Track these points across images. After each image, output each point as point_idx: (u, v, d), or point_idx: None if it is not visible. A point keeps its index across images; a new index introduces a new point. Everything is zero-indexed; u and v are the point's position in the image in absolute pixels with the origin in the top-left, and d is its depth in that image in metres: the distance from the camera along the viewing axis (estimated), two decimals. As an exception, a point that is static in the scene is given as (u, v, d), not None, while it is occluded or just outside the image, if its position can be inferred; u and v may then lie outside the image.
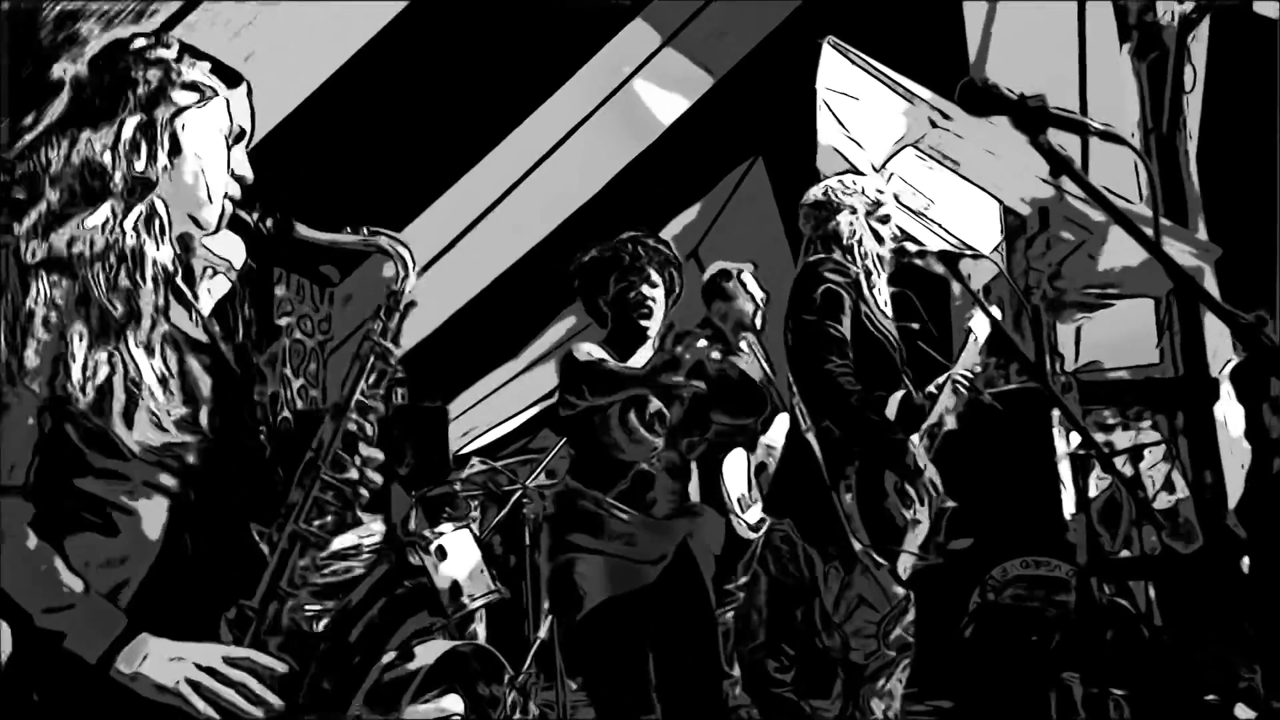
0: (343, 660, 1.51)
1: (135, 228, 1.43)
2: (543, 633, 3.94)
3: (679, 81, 6.15)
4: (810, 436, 2.76)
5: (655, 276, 2.59)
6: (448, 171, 5.34)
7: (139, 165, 1.45)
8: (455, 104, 4.90)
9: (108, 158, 1.44)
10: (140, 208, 1.45)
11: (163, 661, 1.33)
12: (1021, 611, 4.62)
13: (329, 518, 1.52)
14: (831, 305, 2.73)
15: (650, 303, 2.52)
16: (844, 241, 2.89)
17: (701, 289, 4.73)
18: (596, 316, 2.67)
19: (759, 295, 4.62)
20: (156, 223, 1.46)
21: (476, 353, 6.80)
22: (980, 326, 3.17)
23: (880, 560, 2.64)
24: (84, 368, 1.35)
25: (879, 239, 2.92)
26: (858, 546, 2.64)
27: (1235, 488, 4.76)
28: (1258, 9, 4.79)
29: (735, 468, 4.38)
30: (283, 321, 5.05)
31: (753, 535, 4.38)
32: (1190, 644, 4.25)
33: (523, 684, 3.64)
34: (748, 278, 4.61)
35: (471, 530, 3.80)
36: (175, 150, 1.49)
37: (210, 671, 1.35)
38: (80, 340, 1.36)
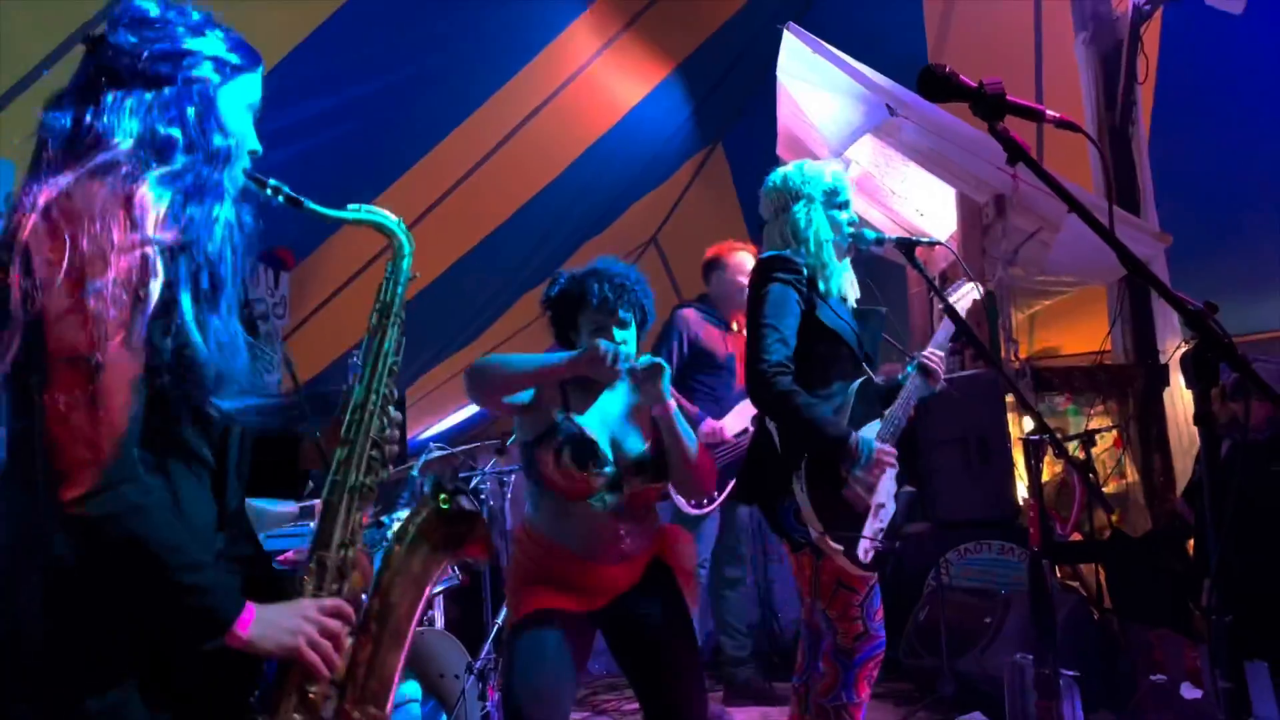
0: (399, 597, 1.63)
1: (226, 198, 1.49)
2: (501, 619, 3.93)
3: (640, 65, 6.14)
4: (773, 427, 2.79)
5: (625, 315, 2.58)
6: (403, 156, 5.29)
7: (213, 138, 1.49)
8: (412, 88, 4.85)
9: (177, 130, 1.46)
10: (226, 174, 1.50)
11: (275, 621, 1.43)
12: (975, 593, 4.69)
13: (375, 473, 1.63)
14: (776, 304, 2.75)
15: (621, 346, 2.50)
16: (800, 233, 2.90)
17: (702, 266, 4.81)
18: (566, 347, 2.64)
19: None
20: (234, 190, 1.52)
21: (433, 338, 6.75)
22: (966, 295, 3.21)
23: (836, 545, 2.66)
24: (204, 335, 1.39)
25: (836, 226, 2.94)
26: (814, 534, 2.66)
27: (1185, 471, 4.87)
28: (1209, 1, 4.86)
29: None
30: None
31: (695, 512, 4.43)
32: (1139, 625, 4.34)
33: (481, 670, 3.63)
34: (745, 257, 4.66)
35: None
36: (224, 127, 1.53)
37: (317, 624, 1.45)
38: (191, 309, 1.39)
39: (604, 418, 2.57)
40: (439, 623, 4.02)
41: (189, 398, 1.39)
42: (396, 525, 3.59)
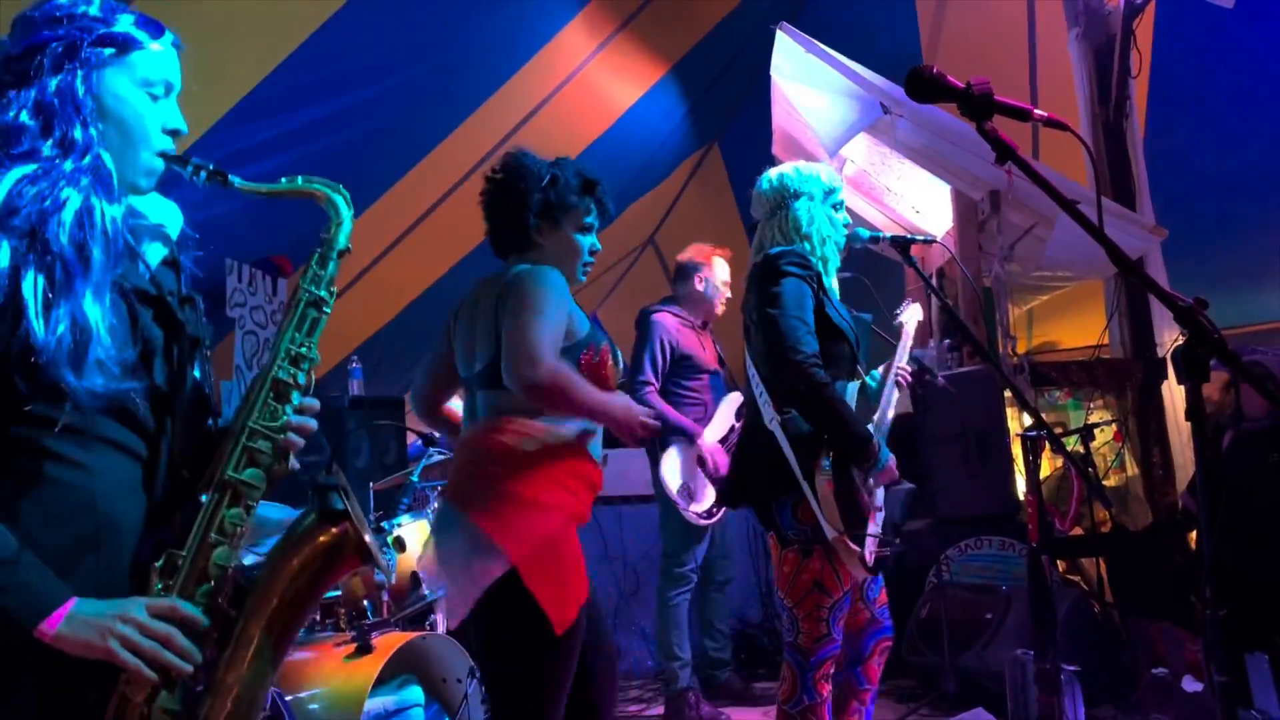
0: (266, 610, 1.51)
1: (81, 183, 1.42)
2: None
3: (634, 67, 6.16)
4: (774, 426, 2.78)
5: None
6: (401, 160, 5.31)
7: (69, 127, 1.44)
8: (406, 94, 4.87)
9: (28, 118, 1.43)
10: (86, 162, 1.44)
11: (89, 620, 1.34)
12: (976, 590, 4.70)
13: (260, 467, 1.52)
14: (796, 298, 2.73)
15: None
16: (801, 230, 2.89)
17: (678, 268, 4.79)
18: (512, 221, 2.47)
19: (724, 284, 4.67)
20: (106, 179, 1.46)
21: (431, 343, 6.78)
22: (910, 318, 3.22)
23: (853, 546, 2.67)
24: (46, 317, 1.35)
25: (834, 226, 2.94)
26: (831, 534, 2.66)
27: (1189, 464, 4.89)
28: (1202, -6, 4.89)
29: (670, 462, 4.45)
30: (234, 313, 5.00)
31: (705, 522, 4.45)
32: (1140, 618, 4.36)
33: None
34: (722, 264, 4.66)
35: (430, 521, 3.80)
36: (100, 109, 1.48)
37: (135, 624, 1.36)
38: (38, 292, 1.35)
39: None
40: (441, 626, 4.03)
41: (34, 378, 1.35)
42: (397, 530, 3.62)
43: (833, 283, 2.93)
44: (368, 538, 1.56)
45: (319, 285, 1.60)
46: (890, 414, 2.95)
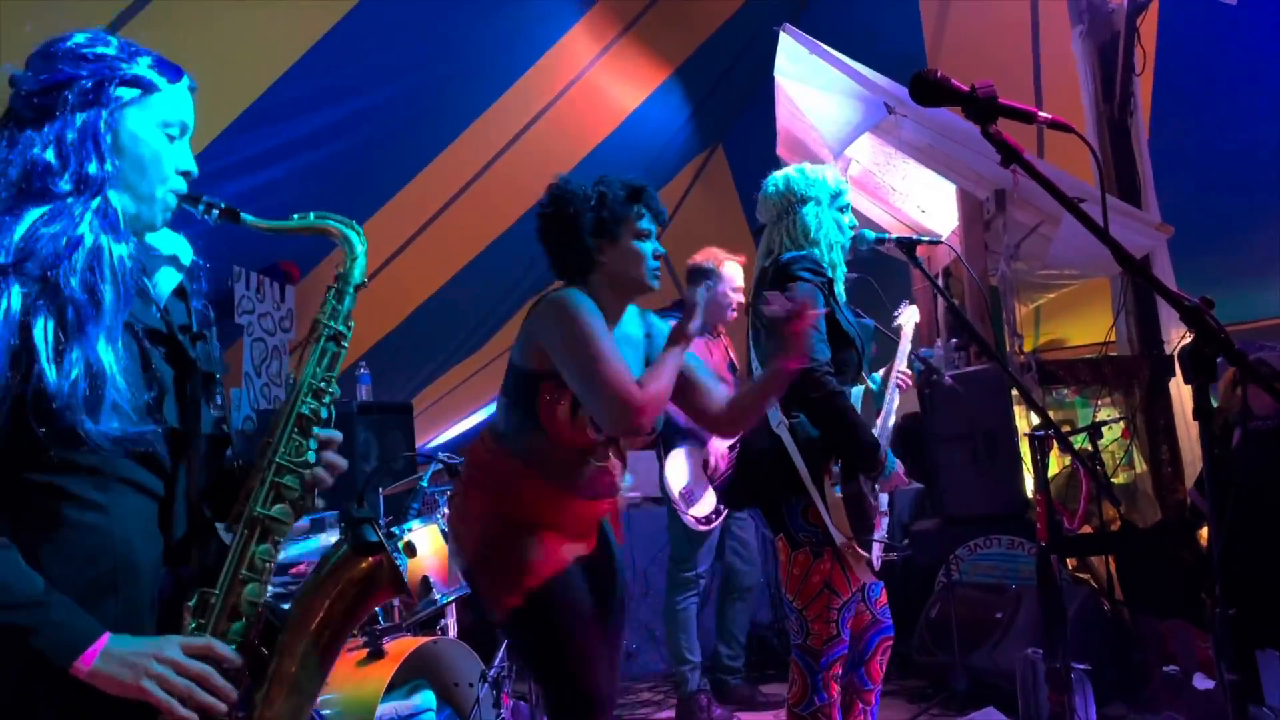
0: (301, 644, 1.52)
1: (93, 225, 1.43)
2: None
3: (638, 70, 6.17)
4: (782, 431, 2.79)
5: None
6: (406, 166, 5.33)
7: (87, 164, 1.45)
8: (410, 101, 4.89)
9: (52, 156, 1.44)
10: (95, 204, 1.45)
11: (125, 658, 1.35)
12: (985, 589, 4.70)
13: (288, 503, 1.53)
14: (811, 302, 2.75)
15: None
16: (810, 235, 2.90)
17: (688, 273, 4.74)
18: (570, 251, 2.50)
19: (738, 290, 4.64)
20: (113, 218, 1.47)
21: (437, 348, 6.79)
22: (908, 321, 3.23)
23: (861, 551, 2.69)
24: (59, 363, 1.35)
25: (841, 229, 2.95)
26: (840, 539, 2.68)
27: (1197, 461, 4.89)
28: (1206, -9, 4.90)
29: (675, 464, 4.45)
30: (242, 320, 5.02)
31: (703, 528, 4.45)
32: (1151, 616, 4.35)
33: (495, 677, 3.66)
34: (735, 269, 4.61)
35: (440, 526, 3.82)
36: (118, 148, 1.49)
37: (171, 664, 1.37)
38: (49, 336, 1.36)
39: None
40: (452, 631, 4.04)
41: (51, 425, 1.35)
42: (408, 536, 3.63)
43: (841, 287, 2.94)
44: (402, 573, 1.59)
45: (337, 320, 1.62)
46: (891, 420, 2.97)
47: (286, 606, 1.56)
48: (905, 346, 3.13)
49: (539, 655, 2.38)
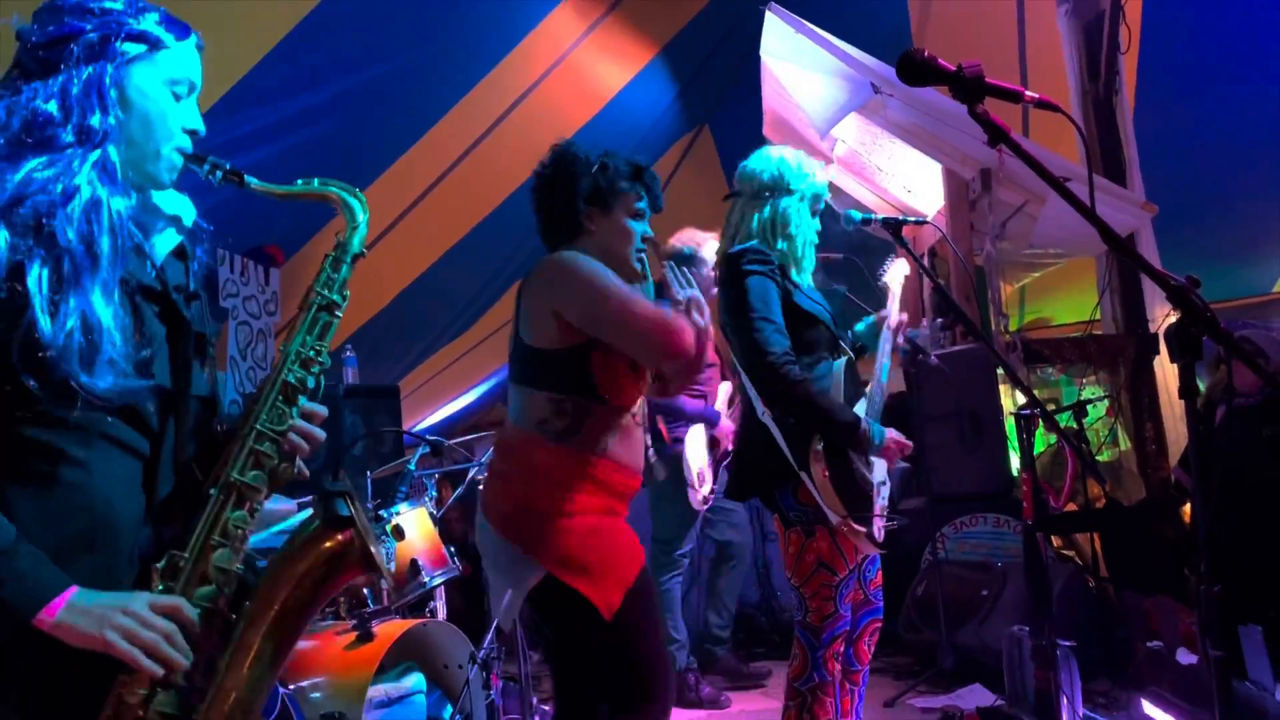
0: (267, 615, 1.49)
1: (91, 177, 1.42)
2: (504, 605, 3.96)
3: (623, 49, 6.13)
4: (767, 419, 2.80)
5: None
6: (389, 148, 5.29)
7: (89, 117, 1.44)
8: (393, 81, 4.85)
9: (54, 108, 1.43)
10: (95, 156, 1.44)
11: (89, 610, 1.33)
12: (972, 567, 4.73)
13: (265, 470, 1.51)
14: (760, 296, 2.74)
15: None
16: (789, 228, 2.89)
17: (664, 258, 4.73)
18: (561, 217, 2.46)
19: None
20: (112, 171, 1.46)
21: (424, 331, 6.77)
22: (895, 276, 3.23)
23: (857, 527, 2.70)
24: (53, 314, 1.34)
25: (810, 227, 2.94)
26: (835, 519, 2.69)
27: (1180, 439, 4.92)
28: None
29: (696, 442, 4.45)
30: (227, 304, 4.99)
31: (702, 508, 4.48)
32: (1135, 593, 4.39)
33: (484, 659, 3.67)
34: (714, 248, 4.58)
35: (428, 509, 3.82)
36: (124, 102, 1.48)
37: (137, 617, 1.35)
38: (44, 286, 1.35)
39: None
40: (441, 613, 4.05)
41: (45, 377, 1.34)
42: (396, 519, 3.63)
43: (801, 269, 2.92)
44: (372, 547, 1.54)
45: (331, 289, 1.60)
46: (882, 395, 2.96)
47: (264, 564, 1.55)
48: (895, 303, 3.13)
49: (639, 657, 2.28)
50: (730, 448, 4.42)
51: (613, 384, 2.29)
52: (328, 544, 1.54)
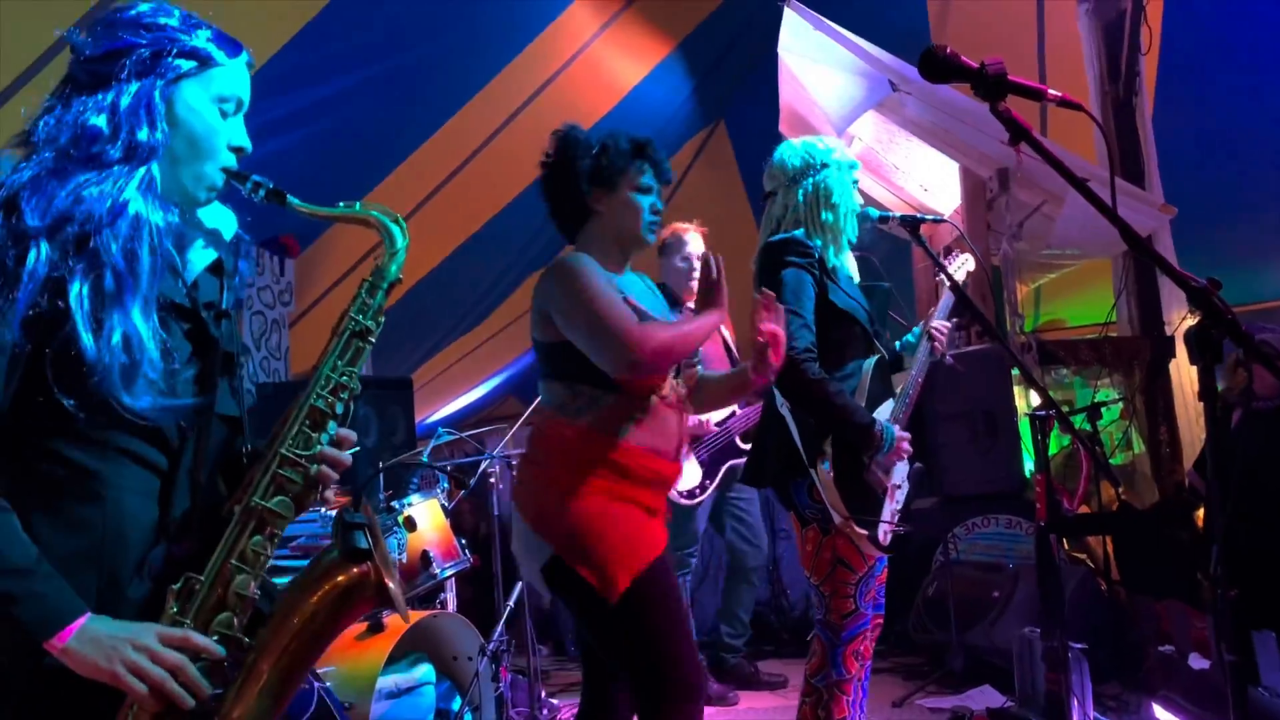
0: (278, 645, 1.47)
1: (137, 195, 1.42)
2: (513, 600, 3.97)
3: (639, 45, 6.13)
4: (785, 411, 2.79)
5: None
6: (405, 141, 5.30)
7: (137, 133, 1.44)
8: (411, 74, 4.85)
9: (103, 122, 1.43)
10: (140, 173, 1.44)
11: (101, 640, 1.32)
12: (983, 568, 4.72)
13: (289, 496, 1.49)
14: (794, 290, 2.73)
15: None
16: (832, 198, 2.87)
17: (660, 247, 4.68)
18: (568, 201, 2.47)
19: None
20: (155, 189, 1.45)
21: (441, 321, 6.78)
22: (959, 270, 3.21)
23: (859, 530, 2.68)
24: (95, 331, 1.34)
25: (845, 204, 2.93)
26: (837, 519, 2.68)
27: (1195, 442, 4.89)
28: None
29: None
30: (241, 294, 5.00)
31: (687, 502, 4.43)
32: (1147, 596, 4.37)
33: (494, 651, 3.67)
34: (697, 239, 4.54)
35: (440, 501, 3.82)
36: (171, 118, 1.48)
37: (146, 651, 1.34)
38: (85, 303, 1.34)
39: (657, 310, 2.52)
40: (451, 605, 4.05)
41: (83, 394, 1.34)
42: (408, 510, 3.64)
43: (847, 259, 2.91)
44: (390, 583, 1.52)
45: (366, 314, 1.57)
46: (921, 376, 2.94)
47: (283, 581, 1.53)
48: (949, 301, 3.10)
49: (644, 642, 2.27)
50: (709, 430, 4.38)
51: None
52: (344, 576, 1.52)
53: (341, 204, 1.61)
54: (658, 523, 2.40)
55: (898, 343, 3.07)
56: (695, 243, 4.53)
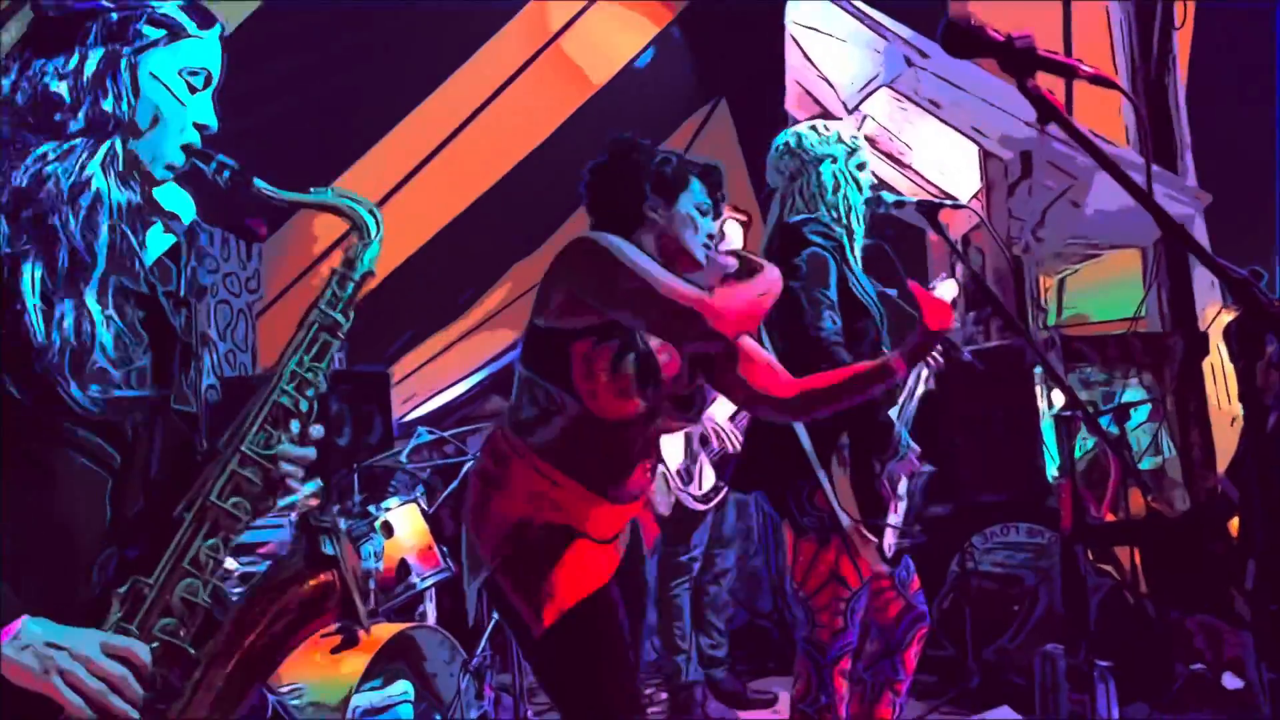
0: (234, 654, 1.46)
1: (99, 170, 1.42)
2: (497, 614, 3.97)
3: (635, 14, 6.12)
4: None
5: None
6: (382, 119, 5.28)
7: (101, 103, 1.43)
8: (390, 44, 4.84)
9: (65, 90, 1.42)
10: (105, 147, 1.43)
11: (37, 647, 1.30)
12: (1002, 580, 4.72)
13: (246, 497, 1.48)
14: (820, 272, 2.73)
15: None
16: (827, 196, 2.88)
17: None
18: (617, 219, 2.43)
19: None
20: (117, 164, 1.45)
21: (419, 312, 6.76)
22: (945, 293, 3.21)
23: (869, 536, 2.68)
24: (46, 314, 1.33)
25: (859, 188, 2.93)
26: (846, 522, 2.68)
27: (1227, 447, 4.90)
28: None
29: (670, 440, 4.43)
30: (207, 280, 4.99)
31: (702, 507, 4.44)
32: (1177, 611, 4.38)
33: (477, 668, 3.67)
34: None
35: (419, 505, 3.82)
36: (135, 90, 1.47)
37: (84, 662, 1.32)
38: (35, 287, 1.34)
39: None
40: (431, 617, 4.05)
41: (29, 379, 1.33)
42: (385, 515, 3.63)
43: (857, 253, 2.92)
44: (355, 596, 1.52)
45: (335, 308, 1.57)
46: (914, 402, 2.96)
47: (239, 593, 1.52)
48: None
49: (565, 685, 2.31)
50: (719, 445, 4.39)
51: (587, 382, 2.25)
52: (306, 585, 1.51)
53: (312, 190, 1.59)
54: (610, 549, 2.37)
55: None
56: (734, 233, 4.46)
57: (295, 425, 1.53)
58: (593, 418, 2.27)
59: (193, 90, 1.54)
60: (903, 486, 2.86)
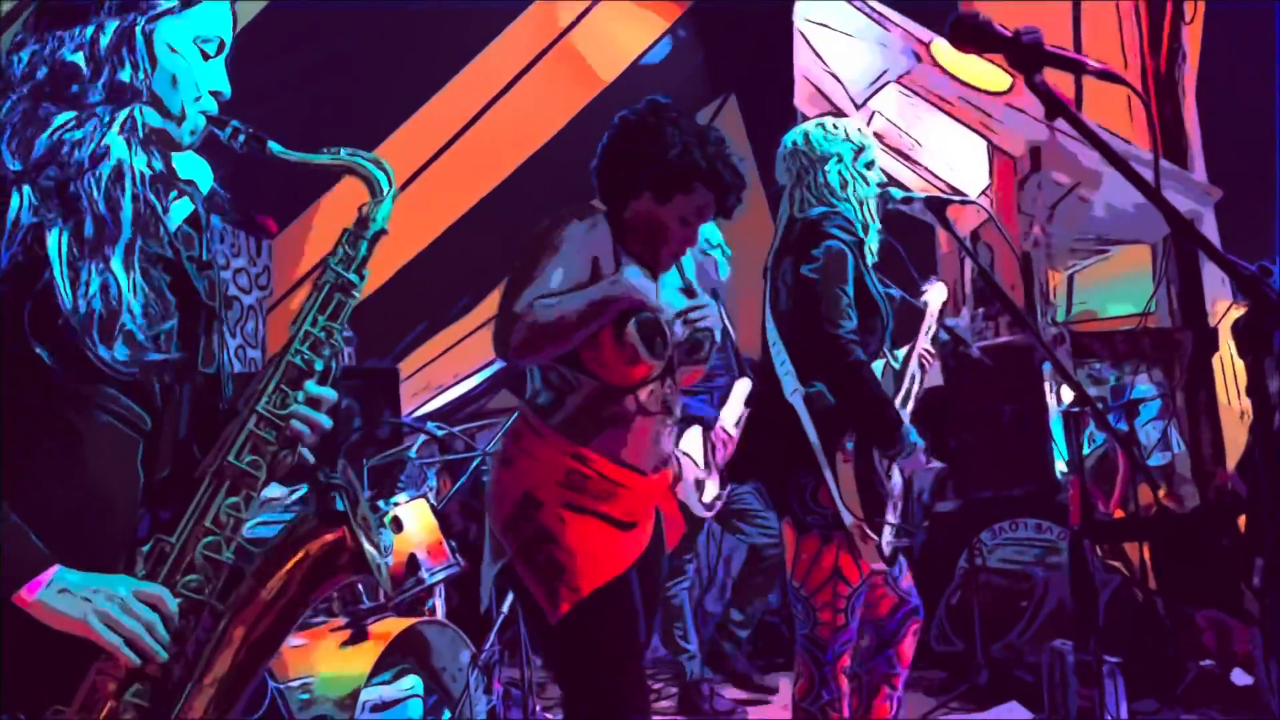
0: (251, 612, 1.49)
1: (120, 136, 1.43)
2: (506, 608, 3.97)
3: (646, 9, 6.11)
4: (796, 399, 2.77)
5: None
6: (391, 115, 5.29)
7: (119, 73, 1.44)
8: (403, 36, 4.84)
9: (82, 60, 1.43)
10: (123, 115, 1.44)
11: (73, 592, 1.34)
12: (1011, 576, 4.72)
13: (262, 456, 1.50)
14: (840, 265, 2.73)
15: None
16: (836, 194, 2.87)
17: None
18: (614, 200, 2.48)
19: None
20: (137, 132, 1.46)
21: (429, 308, 6.77)
22: (935, 298, 3.21)
23: (871, 534, 2.68)
24: (73, 280, 1.35)
25: (867, 185, 2.92)
26: (849, 520, 2.67)
27: (1237, 443, 4.88)
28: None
29: (693, 446, 4.41)
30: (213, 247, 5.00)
31: (708, 515, 4.42)
32: (1187, 607, 4.37)
33: (486, 662, 3.67)
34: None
35: (428, 500, 3.82)
36: (151, 58, 1.48)
37: (120, 603, 1.35)
38: (64, 251, 1.36)
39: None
40: (440, 612, 4.05)
41: (59, 345, 1.35)
42: (394, 510, 3.63)
43: (874, 250, 2.91)
44: (367, 547, 1.53)
45: (348, 267, 1.58)
46: (912, 402, 2.96)
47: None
48: (930, 325, 3.12)
49: (575, 672, 2.32)
50: (728, 451, 4.38)
51: (596, 356, 2.26)
52: (319, 541, 1.53)
53: (325, 150, 1.61)
54: (632, 535, 2.36)
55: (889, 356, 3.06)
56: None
57: (310, 385, 1.54)
58: (608, 388, 2.29)
59: (206, 57, 1.55)
60: (897, 486, 2.86)
